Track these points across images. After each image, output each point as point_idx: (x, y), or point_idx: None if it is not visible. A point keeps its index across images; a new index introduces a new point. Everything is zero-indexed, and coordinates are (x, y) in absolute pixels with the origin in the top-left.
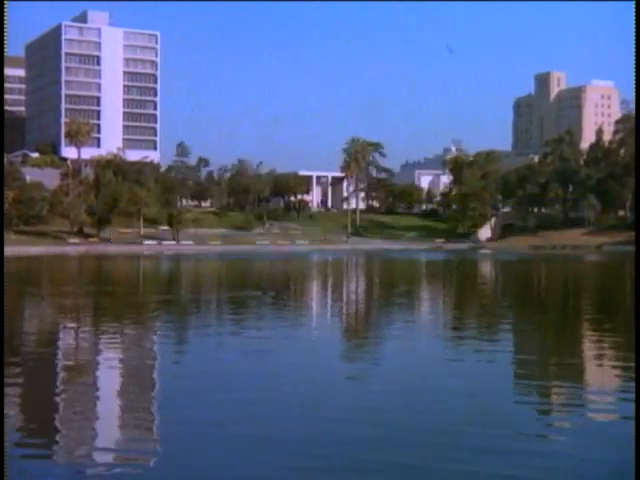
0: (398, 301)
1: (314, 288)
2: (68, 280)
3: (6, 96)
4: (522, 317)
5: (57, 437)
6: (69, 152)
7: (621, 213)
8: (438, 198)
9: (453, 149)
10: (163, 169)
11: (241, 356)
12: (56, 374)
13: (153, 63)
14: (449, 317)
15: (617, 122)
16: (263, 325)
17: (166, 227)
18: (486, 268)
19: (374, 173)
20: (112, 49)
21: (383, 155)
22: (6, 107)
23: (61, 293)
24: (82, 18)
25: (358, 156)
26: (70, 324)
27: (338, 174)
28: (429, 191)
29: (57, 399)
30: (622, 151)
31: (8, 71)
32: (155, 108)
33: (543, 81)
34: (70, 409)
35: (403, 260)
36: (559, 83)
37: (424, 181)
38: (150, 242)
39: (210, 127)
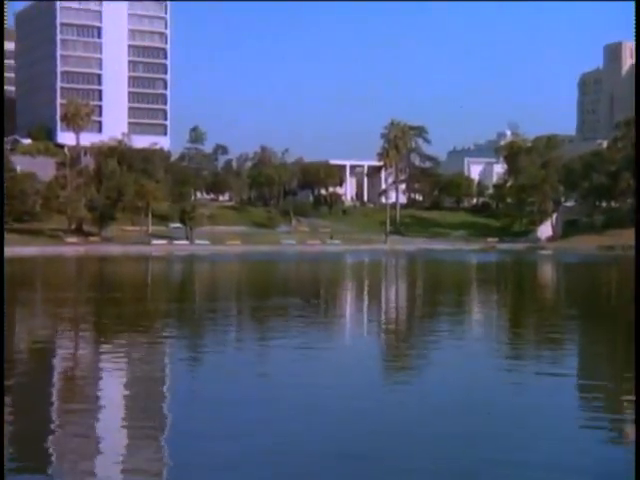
0: (448, 316)
1: (353, 296)
2: (65, 286)
3: None
4: (594, 337)
5: None
6: (66, 138)
7: None
8: (490, 191)
9: (508, 134)
10: (174, 158)
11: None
12: (51, 404)
13: (162, 35)
14: (507, 337)
15: None
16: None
17: (178, 224)
18: (547, 273)
19: (417, 162)
20: (115, 19)
21: (427, 141)
22: None
23: (56, 302)
24: None
25: (399, 142)
26: (66, 340)
27: (375, 163)
28: (480, 182)
29: (53, 438)
30: None
31: None
32: (165, 87)
33: (613, 53)
34: (70, 455)
35: (450, 263)
36: (632, 55)
37: (474, 171)
38: (160, 242)
39: (228, 109)
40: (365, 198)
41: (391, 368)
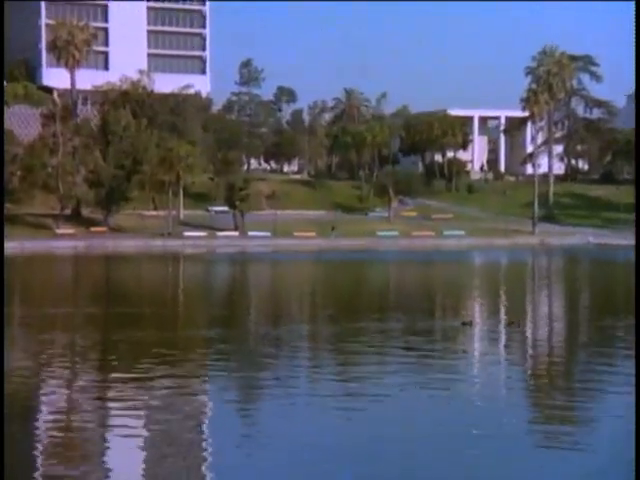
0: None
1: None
2: (55, 300)
3: None
4: None
5: None
6: (55, 78)
7: None
8: None
9: None
10: (217, 107)
11: None
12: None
13: None
14: None
15: None
16: None
17: (223, 207)
18: None
19: (580, 110)
20: None
21: (597, 78)
22: None
23: (41, 325)
24: None
25: (553, 80)
26: (57, 381)
27: (518, 113)
28: None
29: None
30: None
31: None
32: (203, 2)
33: None
34: None
35: (624, 266)
36: None
37: None
38: (196, 233)
39: (295, 35)
40: (502, 167)
41: None
